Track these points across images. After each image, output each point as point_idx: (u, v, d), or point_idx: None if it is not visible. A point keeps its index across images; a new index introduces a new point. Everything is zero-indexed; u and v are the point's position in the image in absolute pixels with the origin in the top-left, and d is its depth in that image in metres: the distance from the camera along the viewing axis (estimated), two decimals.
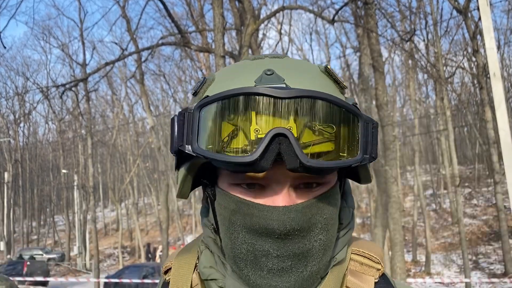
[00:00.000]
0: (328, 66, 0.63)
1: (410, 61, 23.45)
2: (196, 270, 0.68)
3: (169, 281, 0.68)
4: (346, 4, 7.78)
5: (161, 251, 20.57)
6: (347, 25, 20.74)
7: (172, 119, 0.61)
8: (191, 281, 0.67)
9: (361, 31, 11.18)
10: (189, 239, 32.30)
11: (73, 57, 28.94)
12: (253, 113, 0.54)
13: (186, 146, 0.57)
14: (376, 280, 0.66)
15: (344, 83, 0.63)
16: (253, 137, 0.54)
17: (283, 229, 0.56)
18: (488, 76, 16.90)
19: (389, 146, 9.02)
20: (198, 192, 36.95)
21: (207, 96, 0.58)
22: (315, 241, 0.59)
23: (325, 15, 11.35)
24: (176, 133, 0.60)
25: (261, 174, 0.57)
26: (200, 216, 0.73)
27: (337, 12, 7.92)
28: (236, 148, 0.55)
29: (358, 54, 16.91)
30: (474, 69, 20.30)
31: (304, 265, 0.59)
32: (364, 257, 0.68)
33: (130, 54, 8.38)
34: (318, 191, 0.60)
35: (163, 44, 8.44)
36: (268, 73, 0.58)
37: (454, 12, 19.03)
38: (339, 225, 0.66)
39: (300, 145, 0.53)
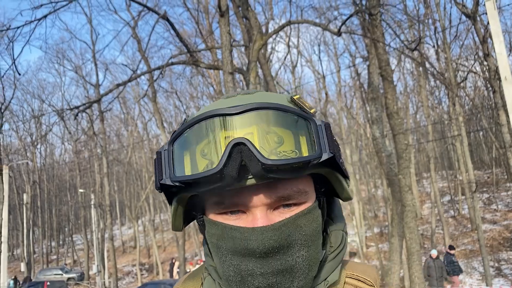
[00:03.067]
0: (295, 96, 0.68)
1: (420, 68, 23.34)
2: None
3: None
4: (350, 16, 7.83)
5: (178, 267, 20.59)
6: (355, 35, 20.78)
7: (154, 160, 0.67)
8: None
9: (369, 41, 11.23)
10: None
11: (87, 78, 29.52)
12: (213, 133, 0.60)
13: (166, 179, 0.63)
14: None
15: (310, 110, 0.67)
16: (216, 154, 0.60)
17: (263, 247, 0.60)
18: (500, 79, 16.72)
19: (401, 155, 8.97)
20: None
21: (175, 131, 0.65)
22: (297, 257, 0.62)
23: (332, 26, 11.44)
24: (156, 170, 0.65)
25: (240, 200, 0.63)
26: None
27: (342, 24, 7.99)
28: (205, 167, 0.60)
29: (367, 63, 16.93)
30: (486, 73, 20.11)
31: (290, 281, 0.62)
32: (359, 280, 0.71)
33: (142, 74, 8.54)
34: (295, 210, 0.64)
35: (173, 63, 8.59)
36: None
37: (463, 17, 18.98)
38: (329, 248, 0.70)
39: (258, 149, 0.58)
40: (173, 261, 22.23)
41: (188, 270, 19.59)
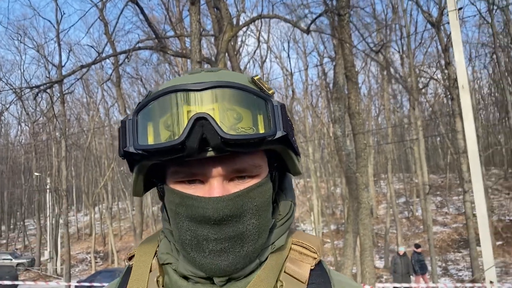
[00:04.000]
0: (255, 77, 0.73)
1: (384, 72, 23.93)
2: (156, 256, 0.78)
3: (132, 266, 0.79)
4: (320, 15, 7.96)
5: None
6: (325, 34, 21.06)
7: (118, 129, 0.71)
8: (151, 266, 0.77)
9: (336, 41, 11.42)
10: None
11: (49, 58, 28.50)
12: (177, 107, 0.65)
13: (129, 147, 0.67)
14: (312, 267, 0.76)
15: (269, 90, 0.72)
16: (178, 126, 0.64)
17: (217, 215, 0.66)
18: (458, 88, 17.43)
19: (360, 154, 9.23)
20: None
21: (140, 102, 0.69)
22: (248, 225, 0.68)
23: (302, 23, 11.57)
24: (120, 139, 0.70)
25: (197, 170, 0.67)
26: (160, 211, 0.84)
27: (311, 22, 8.10)
28: (167, 138, 0.64)
29: (333, 63, 17.21)
30: (447, 81, 20.87)
31: (241, 246, 0.68)
32: (303, 247, 0.77)
33: (107, 57, 8.33)
34: (249, 183, 0.69)
35: (140, 48, 8.46)
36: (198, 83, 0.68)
37: (428, 26, 19.60)
38: (278, 216, 0.76)
39: (219, 124, 0.63)
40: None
41: None
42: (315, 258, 0.77)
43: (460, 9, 11.59)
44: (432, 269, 14.83)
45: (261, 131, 0.66)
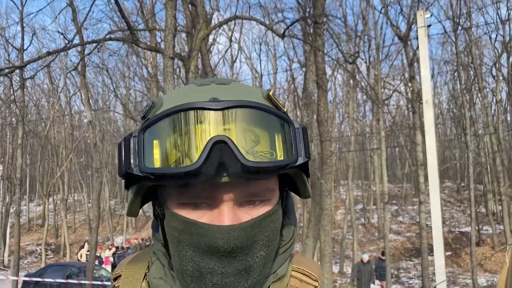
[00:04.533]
0: (271, 93, 0.67)
1: (351, 81, 24.41)
2: (146, 279, 0.72)
3: None
4: (296, 21, 8.03)
5: (88, 251, 19.79)
6: (295, 40, 21.29)
7: (120, 144, 0.65)
8: None
9: (309, 48, 11.55)
10: (119, 240, 31.26)
11: (10, 40, 27.27)
12: (192, 127, 0.59)
13: (134, 168, 0.61)
14: None
15: (285, 109, 0.67)
16: (195, 149, 0.58)
17: (227, 246, 0.60)
18: (421, 102, 18.04)
19: (326, 161, 9.35)
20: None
21: (149, 118, 0.63)
22: (257, 257, 0.63)
23: (276, 28, 11.61)
24: (123, 157, 0.63)
25: (206, 193, 0.62)
26: (151, 229, 0.77)
27: (288, 27, 8.15)
28: (180, 161, 0.58)
29: (304, 69, 17.41)
30: (409, 94, 21.52)
31: (246, 279, 0.63)
32: (304, 274, 0.73)
33: (76, 45, 8.03)
34: (261, 208, 0.64)
35: (111, 39, 8.23)
36: (213, 99, 0.61)
37: (396, 39, 20.16)
38: (281, 241, 0.70)
39: (239, 149, 0.58)
40: (84, 243, 21.34)
41: (98, 255, 18.89)
42: (316, 287, 0.74)
43: (429, 26, 11.99)
44: (387, 277, 15.25)
45: (279, 154, 0.61)
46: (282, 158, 0.61)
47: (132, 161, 0.62)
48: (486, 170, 23.04)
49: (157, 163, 0.60)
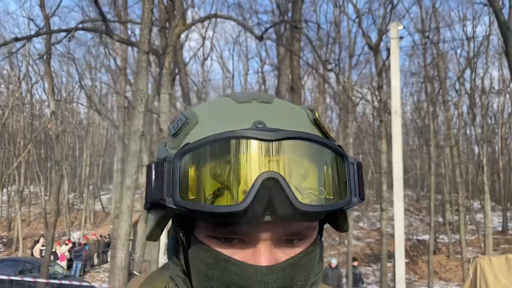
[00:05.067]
0: (317, 117, 0.62)
1: (321, 86, 24.69)
2: None
3: None
4: (276, 24, 7.99)
5: (43, 245, 19.06)
6: (268, 42, 21.31)
7: (149, 167, 0.58)
8: None
9: (283, 51, 11.52)
10: (76, 235, 30.32)
11: None
12: (240, 159, 0.52)
13: (167, 199, 0.54)
14: None
15: (330, 132, 0.62)
16: (241, 185, 0.52)
17: None
18: (387, 111, 18.44)
19: None
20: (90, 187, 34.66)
21: (188, 143, 0.56)
22: None
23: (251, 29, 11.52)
24: (153, 185, 0.56)
25: (243, 229, 0.55)
26: (166, 251, 0.70)
27: (266, 30, 8.10)
28: (222, 197, 0.52)
29: (276, 72, 17.43)
30: (376, 103, 21.97)
31: None
32: None
33: (47, 33, 7.63)
34: (299, 246, 0.59)
35: (83, 28, 7.92)
36: (259, 126, 0.55)
37: (366, 48, 20.52)
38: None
39: (291, 188, 0.52)
40: (39, 238, 20.58)
41: (54, 250, 18.20)
42: None
43: (401, 38, 12.24)
44: (347, 281, 15.46)
45: (329, 192, 0.55)
46: (331, 197, 0.55)
47: (165, 190, 0.55)
48: (445, 180, 23.81)
49: (192, 194, 0.53)
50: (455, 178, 21.56)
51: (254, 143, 0.52)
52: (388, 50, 16.80)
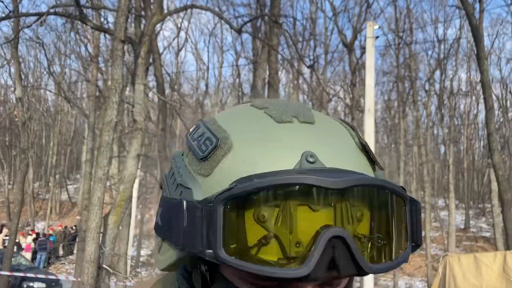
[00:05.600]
0: (364, 142, 0.56)
1: (295, 82, 24.76)
2: None
3: None
4: (256, 18, 7.92)
5: (6, 235, 18.46)
6: (244, 36, 21.19)
7: (176, 206, 0.51)
8: None
9: (260, 44, 11.47)
10: (40, 225, 29.50)
11: None
12: (297, 209, 0.46)
13: (207, 251, 0.47)
14: None
15: (378, 162, 0.56)
16: (302, 240, 0.45)
17: None
18: (359, 109, 18.70)
19: None
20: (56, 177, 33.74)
21: (234, 185, 0.47)
22: None
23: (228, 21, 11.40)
24: (185, 229, 0.49)
25: (286, 285, 0.49)
26: (177, 276, 0.63)
27: (245, 23, 8.03)
28: (272, 252, 0.46)
29: (251, 66, 17.34)
30: (349, 101, 22.23)
31: None
32: None
33: (17, 16, 7.26)
34: (339, 285, 0.53)
35: (56, 13, 7.62)
36: (311, 160, 0.49)
37: (341, 46, 20.72)
38: None
39: (358, 248, 0.46)
40: (2, 228, 19.89)
41: (18, 241, 17.66)
42: None
43: (377, 37, 12.39)
44: None
45: (397, 250, 0.50)
46: (396, 250, 0.50)
47: (203, 240, 0.47)
48: (413, 178, 24.39)
49: (240, 249, 0.46)
50: (422, 177, 22.11)
51: (316, 191, 0.45)
52: (363, 48, 17.02)
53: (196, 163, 0.53)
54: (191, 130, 0.60)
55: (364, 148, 0.55)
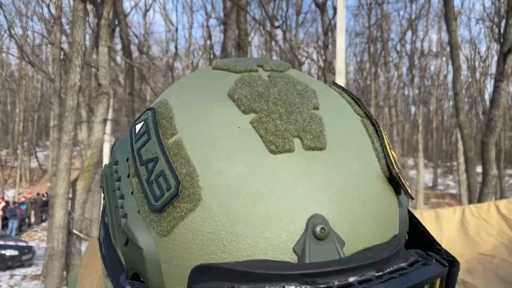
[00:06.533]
0: (394, 170, 0.40)
1: (267, 44, 24.44)
2: None
3: None
4: None
5: None
6: None
7: (119, 273, 0.38)
8: None
9: (230, 5, 11.16)
10: (10, 193, 28.94)
11: None
12: None
13: None
14: None
15: (408, 190, 0.43)
16: None
17: None
18: (332, 71, 18.67)
19: None
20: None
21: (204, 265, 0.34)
22: None
23: None
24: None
25: None
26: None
27: None
28: None
29: (221, 27, 16.94)
30: (321, 63, 22.16)
31: None
32: None
33: None
34: None
35: None
36: (321, 233, 0.34)
37: (313, 6, 20.42)
38: None
39: None
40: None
41: None
42: None
43: None
44: None
45: None
46: None
47: None
48: None
49: None
50: (392, 137, 22.56)
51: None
52: (335, 8, 16.81)
53: (148, 213, 0.37)
54: (137, 127, 0.41)
55: (395, 180, 0.40)
